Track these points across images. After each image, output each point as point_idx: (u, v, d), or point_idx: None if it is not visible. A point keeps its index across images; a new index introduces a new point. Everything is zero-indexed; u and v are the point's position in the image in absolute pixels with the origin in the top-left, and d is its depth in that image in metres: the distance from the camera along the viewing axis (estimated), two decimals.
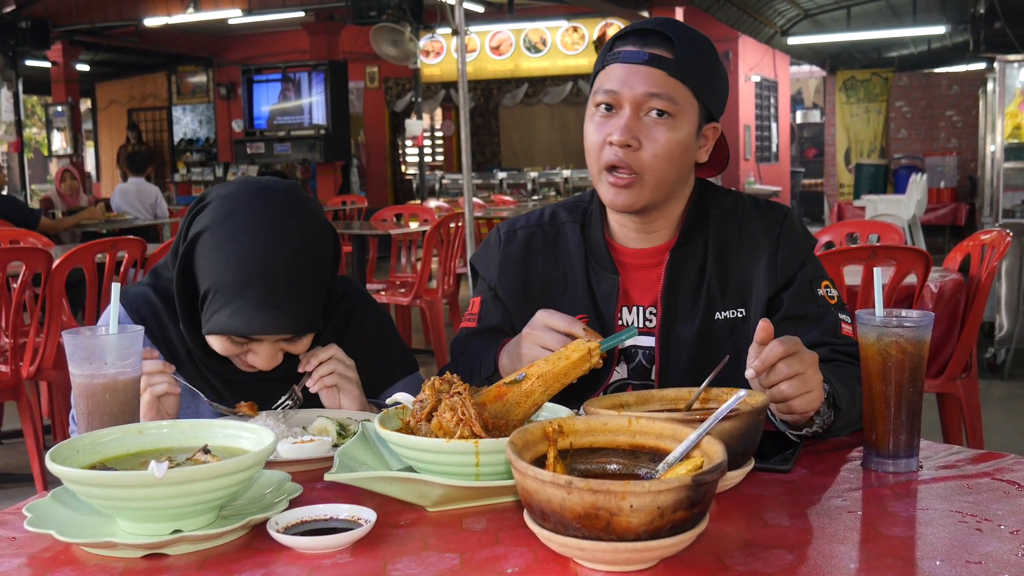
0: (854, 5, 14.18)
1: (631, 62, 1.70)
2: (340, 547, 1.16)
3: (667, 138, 1.69)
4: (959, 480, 1.37)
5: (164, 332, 1.78)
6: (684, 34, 1.72)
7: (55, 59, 15.08)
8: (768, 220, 1.82)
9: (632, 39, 1.72)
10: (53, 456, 1.19)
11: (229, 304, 1.61)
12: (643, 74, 1.68)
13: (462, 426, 1.29)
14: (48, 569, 1.13)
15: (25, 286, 4.03)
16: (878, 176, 14.97)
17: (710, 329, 1.78)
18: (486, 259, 1.93)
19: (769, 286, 1.78)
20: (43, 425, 4.68)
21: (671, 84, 1.68)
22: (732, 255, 1.80)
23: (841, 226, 5.11)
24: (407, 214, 8.43)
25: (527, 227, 1.91)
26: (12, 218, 6.81)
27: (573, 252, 1.86)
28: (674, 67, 1.68)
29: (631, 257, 1.84)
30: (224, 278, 1.62)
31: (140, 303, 1.79)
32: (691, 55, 1.71)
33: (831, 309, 1.78)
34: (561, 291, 1.84)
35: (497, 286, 1.89)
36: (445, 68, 15.97)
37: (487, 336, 1.87)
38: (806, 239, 1.83)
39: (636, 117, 1.69)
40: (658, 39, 1.70)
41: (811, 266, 1.82)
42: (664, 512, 1.01)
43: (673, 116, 1.69)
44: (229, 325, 1.62)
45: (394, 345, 1.96)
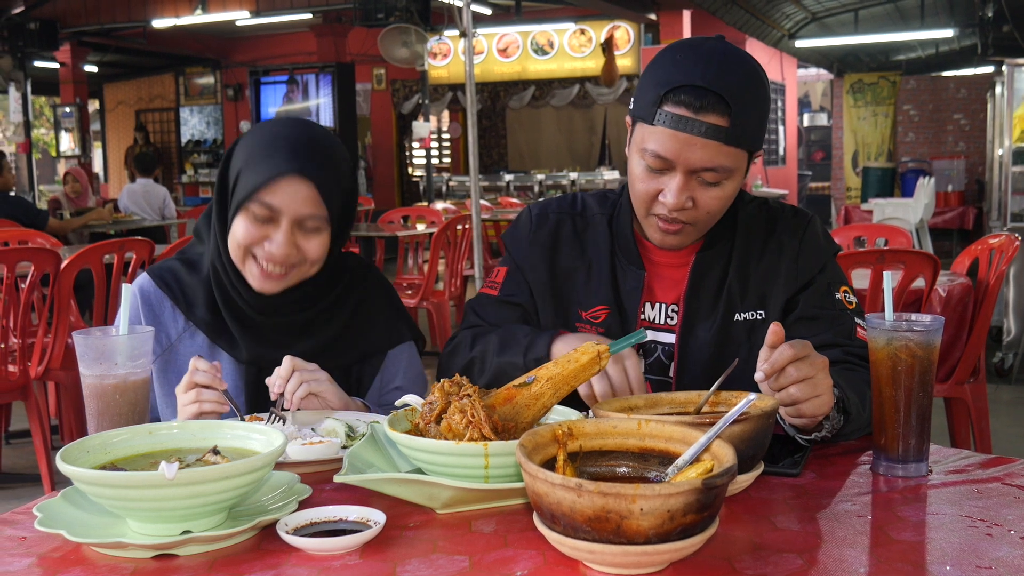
0: (862, 8, 14.16)
1: (686, 131, 1.64)
2: (349, 549, 1.16)
3: (721, 195, 1.72)
4: (969, 485, 1.37)
5: (186, 293, 1.89)
6: (740, 92, 1.64)
7: (63, 60, 15.11)
8: (792, 226, 1.85)
9: (686, 97, 1.64)
10: (64, 456, 1.19)
11: (256, 166, 1.76)
12: (699, 146, 1.64)
13: (472, 428, 1.29)
14: (58, 569, 1.14)
15: (33, 286, 4.03)
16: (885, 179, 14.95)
17: (729, 330, 1.80)
18: (516, 238, 1.95)
19: (788, 289, 1.81)
20: (50, 425, 4.69)
21: (726, 153, 1.66)
22: (755, 259, 1.83)
23: (848, 229, 5.11)
24: (414, 216, 8.43)
25: (558, 212, 1.94)
26: (20, 219, 6.82)
27: (601, 244, 1.88)
28: (731, 136, 1.64)
29: (659, 255, 1.87)
30: (257, 148, 1.78)
31: (163, 271, 1.92)
32: (746, 116, 1.65)
33: (847, 313, 1.79)
34: (585, 280, 1.87)
35: (524, 266, 1.91)
36: (452, 70, 15.97)
37: (508, 309, 1.91)
38: (828, 245, 1.86)
39: (687, 180, 1.69)
40: (714, 102, 1.63)
41: (831, 270, 1.84)
42: (674, 515, 1.00)
43: (727, 179, 1.70)
44: (256, 180, 1.74)
45: (399, 312, 2.03)
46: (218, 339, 1.86)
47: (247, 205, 1.76)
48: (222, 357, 1.86)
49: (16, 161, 14.97)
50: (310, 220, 1.78)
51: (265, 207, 1.75)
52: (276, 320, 1.87)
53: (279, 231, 1.76)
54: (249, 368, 1.85)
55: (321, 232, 1.81)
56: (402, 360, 1.99)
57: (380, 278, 2.04)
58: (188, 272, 1.90)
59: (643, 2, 12.35)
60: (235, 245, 1.80)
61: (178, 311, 1.88)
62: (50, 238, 5.85)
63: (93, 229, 8.18)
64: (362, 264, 2.03)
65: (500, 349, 1.79)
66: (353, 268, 1.99)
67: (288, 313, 1.87)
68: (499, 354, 1.78)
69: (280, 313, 1.87)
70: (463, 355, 1.85)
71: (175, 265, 1.92)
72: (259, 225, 1.77)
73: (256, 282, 1.81)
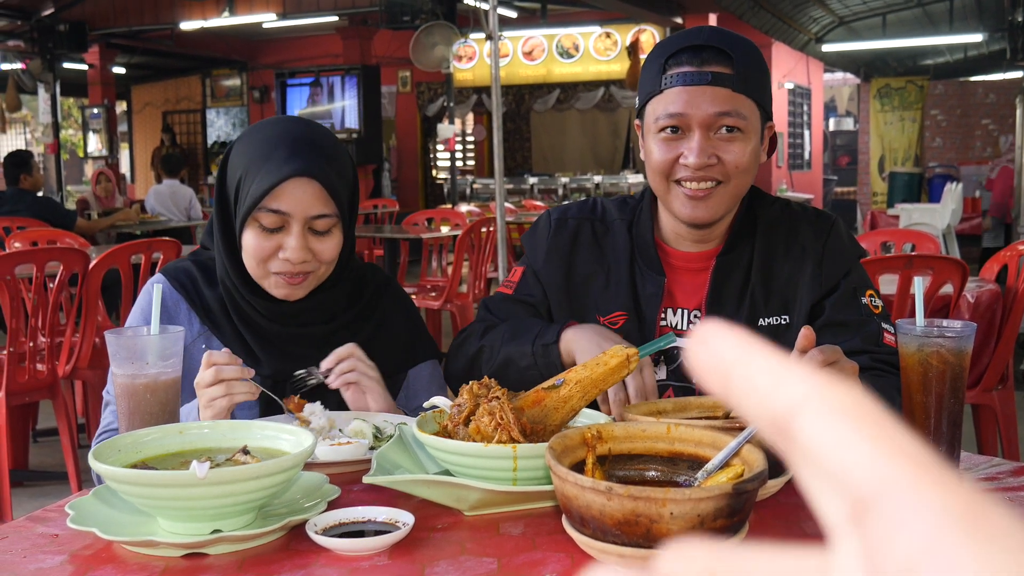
0: (890, 12, 14.07)
1: (694, 84, 1.69)
2: (378, 549, 1.16)
3: (743, 149, 1.71)
4: (1000, 492, 1.36)
5: (201, 296, 1.86)
6: (737, 44, 1.72)
7: (92, 62, 15.24)
8: (815, 228, 1.83)
9: (686, 57, 1.71)
10: (96, 455, 1.21)
11: (257, 173, 1.73)
12: (709, 95, 1.68)
13: (500, 431, 1.29)
14: (90, 566, 1.15)
15: (63, 286, 4.07)
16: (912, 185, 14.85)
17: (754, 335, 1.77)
18: (534, 241, 1.95)
19: (813, 294, 1.79)
20: (77, 424, 4.73)
21: (737, 100, 1.69)
22: (778, 262, 1.82)
23: (876, 235, 5.07)
24: (438, 218, 8.44)
25: (577, 217, 1.93)
26: (49, 219, 6.88)
27: (620, 249, 1.87)
28: (737, 82, 1.69)
29: (679, 260, 1.86)
30: (254, 155, 1.75)
31: (179, 272, 1.89)
32: (748, 65, 1.71)
33: (874, 318, 1.78)
34: (603, 287, 1.86)
35: (540, 271, 1.91)
36: (477, 73, 16.00)
37: (521, 307, 1.91)
38: (853, 248, 1.84)
39: (707, 137, 1.70)
40: (715, 55, 1.70)
41: (856, 275, 1.82)
42: (704, 520, 1.00)
43: (743, 131, 1.70)
44: (259, 187, 1.71)
45: (419, 329, 2.02)
46: (238, 351, 1.81)
47: (254, 215, 1.73)
48: None
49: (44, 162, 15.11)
50: (321, 220, 1.74)
51: (273, 214, 1.72)
52: (297, 331, 1.84)
53: (291, 236, 1.73)
54: (266, 380, 1.84)
55: (332, 231, 1.78)
56: (424, 377, 1.98)
57: (401, 294, 2.03)
58: (205, 281, 1.87)
59: (669, 5, 12.33)
60: (251, 263, 1.77)
61: (194, 314, 1.85)
62: (78, 238, 5.90)
63: (120, 230, 8.24)
64: (383, 279, 2.02)
65: (510, 337, 1.80)
66: (374, 284, 1.98)
67: (308, 322, 1.85)
68: (508, 342, 1.79)
69: (299, 322, 1.84)
70: (472, 344, 1.87)
71: (190, 267, 1.89)
72: (270, 236, 1.74)
73: (279, 291, 1.79)
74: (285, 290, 1.78)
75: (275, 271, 1.76)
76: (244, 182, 1.75)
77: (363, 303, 1.93)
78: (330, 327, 1.87)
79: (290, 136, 1.76)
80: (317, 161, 1.74)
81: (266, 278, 1.78)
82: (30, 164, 7.28)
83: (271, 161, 1.72)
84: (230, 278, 1.82)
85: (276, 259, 1.75)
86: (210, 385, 1.55)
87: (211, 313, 1.85)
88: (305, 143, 1.76)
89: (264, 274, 1.77)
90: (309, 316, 1.86)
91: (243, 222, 1.75)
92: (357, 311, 1.92)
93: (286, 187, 1.71)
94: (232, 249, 1.80)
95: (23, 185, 7.16)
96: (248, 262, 1.77)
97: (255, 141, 1.78)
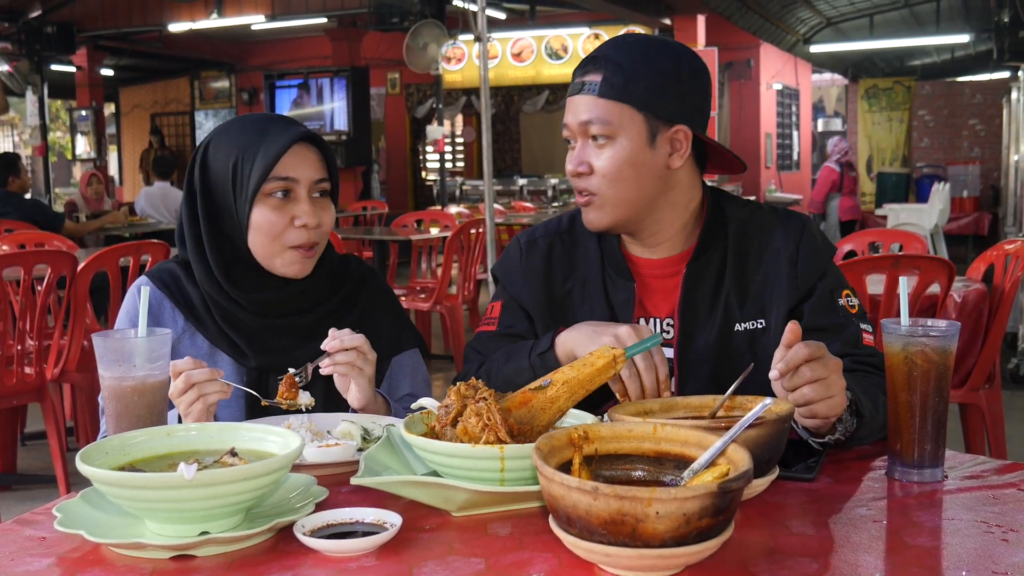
0: (877, 13, 14.12)
1: (571, 94, 1.77)
2: (366, 551, 1.17)
3: (608, 158, 1.73)
4: (985, 491, 1.36)
5: (184, 294, 1.88)
6: (618, 53, 1.74)
7: (80, 64, 15.18)
8: (787, 229, 1.81)
9: (576, 70, 1.78)
10: (83, 457, 1.21)
11: (259, 149, 1.78)
12: (578, 104, 1.75)
13: (487, 431, 1.29)
14: (78, 569, 1.15)
15: (50, 289, 4.06)
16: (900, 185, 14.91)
17: (729, 341, 1.78)
18: (508, 270, 1.93)
19: (790, 297, 1.78)
20: (65, 427, 4.72)
21: (601, 106, 1.72)
22: (751, 266, 1.80)
23: (863, 235, 5.09)
24: (427, 220, 8.44)
25: (546, 236, 1.92)
26: (37, 221, 6.87)
27: (591, 260, 1.87)
28: (603, 88, 1.72)
29: (646, 267, 1.85)
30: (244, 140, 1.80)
31: (162, 272, 1.91)
32: (623, 71, 1.71)
33: (852, 319, 1.78)
34: (581, 300, 1.85)
35: (520, 296, 1.89)
36: (466, 74, 15.99)
37: (509, 341, 1.87)
38: (825, 248, 1.83)
39: (585, 146, 1.76)
40: (590, 65, 1.75)
41: (831, 276, 1.81)
42: (690, 519, 1.01)
43: (610, 137, 1.72)
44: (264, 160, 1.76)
45: (402, 318, 2.04)
46: (221, 345, 1.85)
47: (264, 188, 1.78)
48: (224, 361, 1.86)
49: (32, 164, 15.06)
50: (321, 184, 1.83)
51: (283, 182, 1.78)
52: (280, 323, 1.86)
53: (301, 202, 1.80)
54: (251, 372, 1.85)
55: (328, 199, 1.87)
56: (407, 366, 2.00)
57: (382, 284, 2.05)
58: (188, 279, 1.88)
59: (657, 7, 12.35)
60: (266, 241, 1.80)
61: (178, 312, 1.87)
62: (66, 241, 5.89)
63: (109, 232, 8.22)
64: (365, 271, 2.04)
65: (504, 361, 1.78)
66: (356, 274, 2.00)
67: (291, 311, 1.87)
68: (503, 365, 1.77)
69: (282, 311, 1.86)
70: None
71: (174, 267, 1.91)
72: (281, 207, 1.79)
73: (291, 268, 1.83)
74: (297, 266, 1.83)
75: (291, 244, 1.81)
76: (242, 164, 1.79)
77: (345, 292, 1.96)
78: (313, 316, 1.89)
79: (271, 117, 1.86)
80: (307, 131, 1.83)
81: (279, 255, 1.82)
82: (18, 166, 7.26)
83: (268, 135, 1.78)
84: (212, 279, 1.83)
85: (291, 230, 1.80)
86: (183, 393, 1.56)
87: (195, 310, 1.86)
88: (288, 120, 1.85)
89: (279, 250, 1.81)
90: (292, 305, 1.88)
91: (252, 200, 1.79)
92: (340, 300, 1.94)
93: (291, 154, 1.79)
94: (218, 241, 1.82)
95: (11, 188, 7.14)
96: (260, 241, 1.81)
97: (237, 130, 1.83)
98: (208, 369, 1.58)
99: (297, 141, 1.79)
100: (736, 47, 14.39)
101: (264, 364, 1.84)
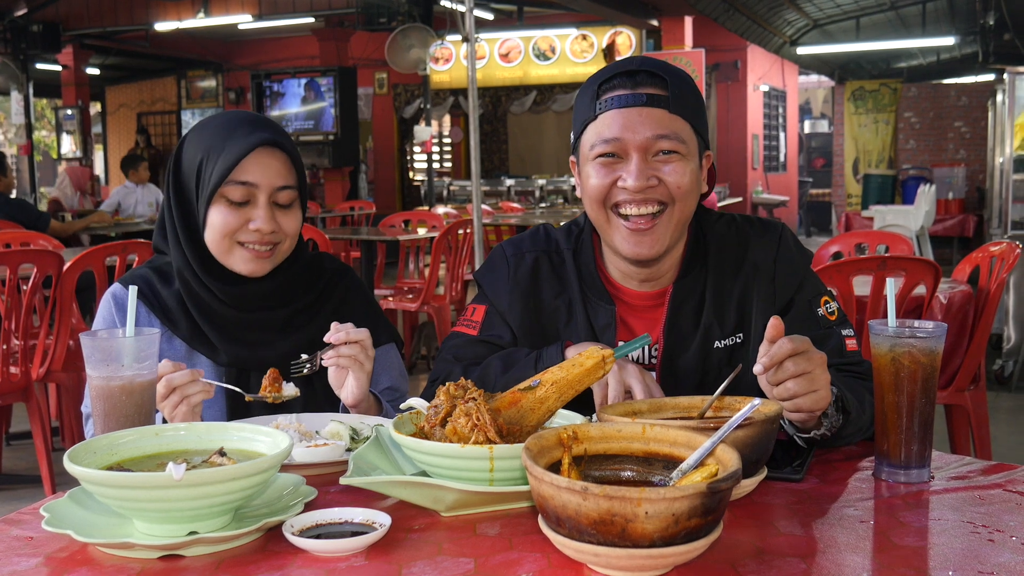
0: (863, 15, 14.18)
1: (628, 106, 1.66)
2: (355, 550, 1.17)
3: (684, 169, 1.67)
4: (971, 491, 1.37)
5: (158, 297, 1.89)
6: (670, 70, 1.70)
7: (66, 63, 15.13)
8: (763, 242, 1.80)
9: (620, 81, 1.68)
10: (71, 457, 1.20)
11: (220, 151, 1.78)
12: (645, 117, 1.65)
13: (477, 431, 1.29)
14: (65, 569, 1.14)
15: (36, 288, 4.04)
16: (886, 186, 14.96)
17: (709, 357, 1.77)
18: (494, 280, 1.87)
19: (767, 310, 1.75)
20: (51, 427, 4.69)
21: (674, 122, 1.66)
22: (729, 282, 1.79)
23: (850, 236, 5.11)
24: (415, 220, 8.43)
25: (534, 251, 1.86)
26: (22, 221, 6.83)
27: (573, 280, 1.82)
28: (673, 104, 1.66)
29: (629, 297, 1.82)
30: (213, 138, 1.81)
31: (135, 279, 1.90)
32: (683, 90, 1.69)
33: (833, 327, 1.77)
34: (566, 320, 1.81)
35: (506, 313, 1.84)
36: (454, 75, 15.99)
37: (489, 348, 1.84)
38: (801, 257, 1.82)
39: (645, 159, 1.66)
40: (648, 78, 1.68)
41: (809, 285, 1.81)
42: (679, 519, 1.01)
43: (680, 154, 1.67)
44: (225, 162, 1.76)
45: (377, 313, 2.04)
46: (197, 345, 1.86)
47: (221, 191, 1.78)
48: (201, 361, 1.86)
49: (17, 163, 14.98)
50: (284, 191, 1.82)
51: (241, 186, 1.78)
52: (256, 317, 1.87)
53: (258, 208, 1.80)
54: (230, 370, 1.86)
55: (294, 205, 1.86)
56: (386, 361, 2.00)
57: (357, 281, 2.05)
58: (161, 282, 1.89)
59: (645, 8, 12.37)
60: (217, 238, 1.80)
61: (153, 316, 1.86)
62: (52, 240, 5.86)
63: (94, 232, 8.19)
64: (339, 267, 2.04)
65: (503, 370, 1.73)
66: (331, 270, 2.01)
67: (267, 306, 1.88)
68: (502, 374, 1.72)
69: (258, 306, 1.87)
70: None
71: (147, 273, 1.91)
72: (237, 210, 1.79)
73: (246, 266, 1.82)
74: (251, 265, 1.82)
75: (242, 241, 1.81)
76: (206, 163, 1.79)
77: (321, 287, 1.96)
78: (289, 310, 1.90)
79: (247, 117, 1.85)
80: (278, 133, 1.82)
81: (232, 252, 1.82)
82: (4, 165, 7.22)
83: (233, 138, 1.78)
84: (189, 267, 1.83)
85: (244, 230, 1.80)
86: (165, 397, 1.56)
87: (168, 312, 1.87)
88: (261, 122, 1.84)
89: (230, 247, 1.81)
90: (269, 299, 1.88)
91: (209, 200, 1.79)
92: (315, 295, 1.95)
93: (252, 159, 1.78)
94: (191, 236, 1.83)
95: None
96: (214, 238, 1.81)
97: (211, 127, 1.83)
98: (188, 371, 1.58)
99: (258, 146, 1.78)
100: (723, 49, 14.43)
101: (238, 357, 1.85)
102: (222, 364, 1.84)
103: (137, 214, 9.06)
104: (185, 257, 1.84)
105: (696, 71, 8.47)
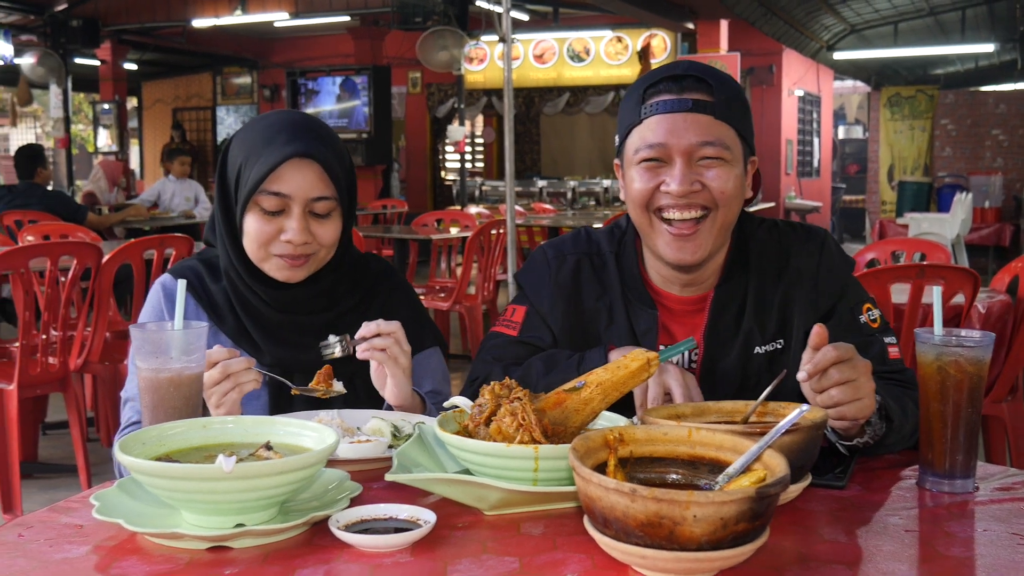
0: (901, 21, 14.06)
1: (674, 111, 1.66)
2: (401, 547, 1.17)
3: (728, 175, 1.68)
4: (1017, 502, 1.36)
5: (207, 291, 1.89)
6: (717, 75, 1.70)
7: (104, 58, 15.28)
8: (807, 248, 1.80)
9: (666, 86, 1.69)
10: (122, 447, 1.22)
11: (258, 157, 1.77)
12: (691, 122, 1.66)
13: (522, 431, 1.30)
14: (115, 557, 1.16)
15: (75, 280, 4.09)
16: (921, 194, 14.84)
17: (750, 363, 1.77)
18: (535, 281, 1.88)
19: (810, 317, 1.74)
20: (87, 417, 4.75)
21: (719, 128, 1.67)
22: (771, 287, 1.79)
23: (886, 244, 5.08)
24: (447, 219, 8.45)
25: (575, 253, 1.86)
26: (60, 213, 6.91)
27: (615, 284, 1.82)
28: (718, 110, 1.66)
29: (671, 302, 1.82)
30: (254, 142, 1.79)
31: (184, 270, 1.91)
32: (729, 95, 1.69)
33: (875, 335, 1.76)
34: (607, 324, 1.81)
35: (547, 314, 1.85)
36: (488, 75, 16.01)
37: (529, 351, 1.84)
38: (844, 264, 1.82)
39: (689, 164, 1.67)
40: (695, 83, 1.68)
41: (852, 292, 1.80)
42: (727, 523, 1.01)
43: (724, 160, 1.67)
44: (260, 170, 1.75)
45: (423, 316, 2.03)
46: (242, 343, 1.86)
47: (255, 199, 1.77)
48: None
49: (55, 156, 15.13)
50: (321, 202, 1.79)
51: (274, 197, 1.76)
52: (299, 319, 1.87)
53: (292, 219, 1.78)
54: (272, 370, 1.85)
55: (332, 215, 1.83)
56: (429, 365, 1.99)
57: (403, 283, 2.05)
58: (210, 276, 1.90)
59: (680, 11, 12.33)
60: (252, 246, 1.80)
61: (201, 309, 1.87)
62: (90, 232, 5.92)
63: (130, 225, 8.27)
64: (385, 268, 2.03)
65: (544, 371, 1.73)
66: (376, 272, 2.00)
67: (310, 310, 1.88)
68: (544, 376, 1.72)
69: (302, 309, 1.87)
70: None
71: (197, 265, 1.92)
72: (270, 219, 1.78)
73: (280, 273, 1.82)
74: (286, 272, 1.82)
75: (276, 253, 1.80)
76: (245, 168, 1.79)
77: (365, 290, 1.96)
78: (333, 314, 1.90)
79: (289, 122, 1.82)
80: (316, 144, 1.79)
81: (267, 260, 1.82)
82: (45, 158, 7.31)
83: (271, 145, 1.77)
84: (234, 267, 1.84)
85: (277, 241, 1.79)
86: (218, 382, 1.57)
87: (216, 307, 1.87)
88: (303, 128, 1.81)
89: (265, 256, 1.81)
90: (312, 303, 1.88)
91: (244, 207, 1.79)
92: (359, 298, 1.94)
93: (287, 169, 1.76)
94: (235, 238, 1.83)
95: (38, 179, 7.18)
96: (249, 246, 1.81)
97: (255, 130, 1.82)
98: (244, 358, 1.60)
99: (292, 158, 1.75)
100: (758, 53, 14.35)
101: (282, 359, 1.84)
102: (265, 364, 1.84)
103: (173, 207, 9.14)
104: (230, 257, 1.84)
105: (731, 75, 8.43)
